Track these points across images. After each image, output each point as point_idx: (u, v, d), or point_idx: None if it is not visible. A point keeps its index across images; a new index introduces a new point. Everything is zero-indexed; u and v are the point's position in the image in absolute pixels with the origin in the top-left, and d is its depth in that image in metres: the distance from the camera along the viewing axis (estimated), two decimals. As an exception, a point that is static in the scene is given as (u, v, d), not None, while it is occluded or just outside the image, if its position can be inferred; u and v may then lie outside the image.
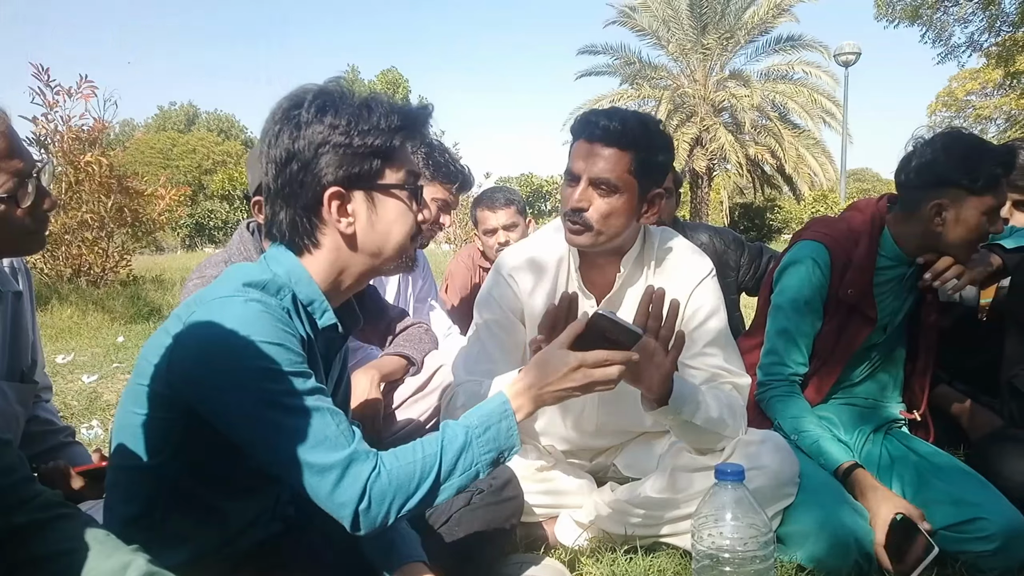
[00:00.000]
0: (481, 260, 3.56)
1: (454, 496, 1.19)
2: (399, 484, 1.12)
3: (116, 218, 8.70)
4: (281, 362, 1.08)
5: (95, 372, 4.39)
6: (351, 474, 1.09)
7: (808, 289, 2.01)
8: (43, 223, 1.41)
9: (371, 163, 1.19)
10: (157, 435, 1.16)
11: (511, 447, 1.20)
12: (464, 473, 1.16)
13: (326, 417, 1.10)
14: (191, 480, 1.18)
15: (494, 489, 1.54)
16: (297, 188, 1.18)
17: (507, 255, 1.94)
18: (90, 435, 3.13)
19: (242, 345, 1.07)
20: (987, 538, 1.64)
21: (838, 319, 2.03)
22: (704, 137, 24.41)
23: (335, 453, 1.09)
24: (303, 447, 1.07)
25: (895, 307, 2.07)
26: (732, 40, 24.36)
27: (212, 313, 1.10)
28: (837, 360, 2.05)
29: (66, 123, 8.11)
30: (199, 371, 1.09)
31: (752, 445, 1.73)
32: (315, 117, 1.17)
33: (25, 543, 0.88)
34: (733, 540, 1.20)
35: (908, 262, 2.01)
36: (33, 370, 1.73)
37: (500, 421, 1.19)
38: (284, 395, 1.08)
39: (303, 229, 1.21)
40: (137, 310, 7.40)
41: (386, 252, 1.25)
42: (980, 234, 1.89)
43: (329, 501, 1.09)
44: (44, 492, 0.94)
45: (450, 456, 1.15)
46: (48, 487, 0.98)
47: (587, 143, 1.70)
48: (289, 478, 1.10)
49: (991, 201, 1.85)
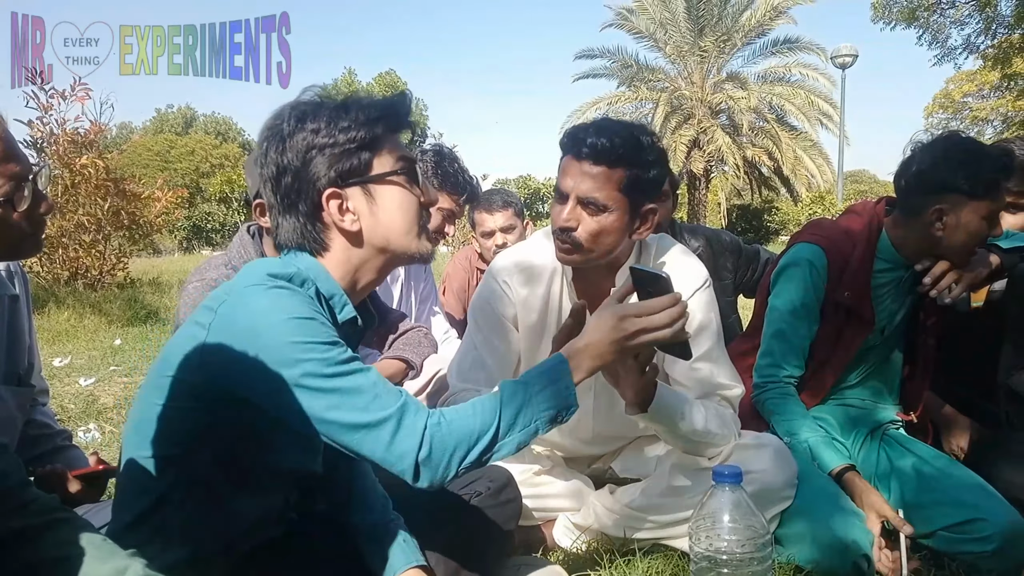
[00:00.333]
0: (478, 262, 3.56)
1: (513, 451, 1.18)
2: (459, 435, 1.12)
3: (113, 221, 8.71)
4: (317, 334, 1.10)
5: (92, 375, 4.39)
6: (407, 423, 1.10)
7: (804, 292, 2.01)
8: (40, 227, 1.41)
9: (359, 157, 1.20)
10: (180, 426, 1.16)
11: (569, 406, 1.20)
12: (524, 429, 1.16)
13: (371, 377, 1.12)
14: (208, 472, 1.18)
15: (493, 491, 1.54)
16: (295, 198, 1.20)
17: (501, 260, 1.91)
18: (87, 438, 3.12)
19: (279, 322, 1.09)
20: (985, 539, 1.64)
21: (835, 322, 2.03)
22: (701, 139, 24.45)
23: (387, 407, 1.10)
24: (355, 407, 1.09)
25: (892, 310, 2.07)
26: (729, 42, 24.42)
27: (244, 299, 1.12)
28: (835, 363, 2.06)
29: (61, 126, 8.11)
30: (239, 354, 1.10)
31: (749, 449, 1.73)
32: (296, 127, 1.19)
33: (22, 547, 0.88)
34: (731, 542, 1.20)
35: (906, 265, 2.01)
36: (30, 373, 1.72)
37: (559, 379, 1.19)
38: (327, 364, 1.09)
39: (310, 236, 1.22)
40: (134, 313, 7.41)
41: (395, 241, 1.25)
42: (980, 238, 1.89)
43: (388, 454, 1.10)
44: (41, 496, 0.94)
45: (510, 411, 1.15)
46: (45, 491, 0.98)
47: (575, 161, 1.64)
48: (345, 442, 1.10)
49: (991, 205, 1.85)
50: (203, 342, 1.13)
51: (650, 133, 1.71)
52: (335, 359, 1.10)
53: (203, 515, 1.19)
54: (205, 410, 1.15)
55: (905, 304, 2.09)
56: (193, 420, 1.16)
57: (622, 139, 1.62)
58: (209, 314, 1.15)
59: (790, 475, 1.71)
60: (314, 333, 1.10)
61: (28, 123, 7.92)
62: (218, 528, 1.21)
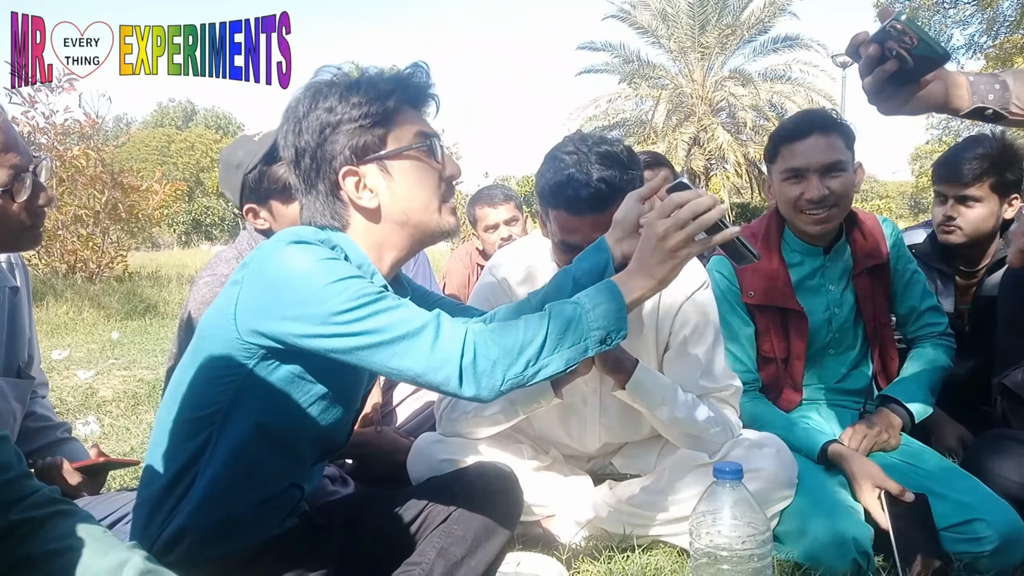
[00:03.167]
0: (479, 258, 3.56)
1: (561, 370, 1.15)
2: (504, 343, 1.12)
3: (111, 214, 8.68)
4: (345, 271, 1.12)
5: (91, 368, 4.38)
6: (446, 328, 1.11)
7: (720, 301, 2.01)
8: (39, 218, 1.41)
9: (373, 133, 1.20)
10: (215, 387, 1.19)
11: (619, 329, 1.18)
12: (573, 346, 1.14)
13: (402, 300, 1.15)
14: (239, 433, 1.20)
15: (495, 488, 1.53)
16: (315, 177, 1.22)
17: (499, 258, 1.92)
18: (86, 431, 3.12)
19: (309, 264, 1.11)
20: (984, 539, 1.64)
21: (770, 320, 2.07)
22: (702, 137, 24.44)
23: (424, 316, 1.12)
24: (391, 323, 1.10)
25: (831, 300, 2.09)
26: (731, 39, 24.38)
27: (272, 251, 1.15)
28: (795, 359, 2.08)
29: (47, 118, 8.04)
30: (273, 297, 1.13)
31: (751, 447, 1.73)
32: (310, 107, 1.20)
33: (22, 540, 0.88)
34: (731, 538, 1.20)
35: (824, 253, 2.07)
36: (30, 365, 1.72)
37: (610, 301, 1.17)
38: (358, 293, 1.10)
39: (332, 214, 1.24)
40: (133, 306, 7.40)
41: (414, 217, 1.25)
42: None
43: (431, 361, 1.10)
44: (41, 488, 0.94)
45: (558, 324, 1.14)
46: (46, 483, 0.98)
47: (575, 217, 1.56)
48: (385, 358, 1.11)
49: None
50: (238, 295, 1.15)
51: (628, 148, 1.61)
52: (364, 289, 1.11)
53: (232, 479, 1.21)
54: (241, 367, 1.17)
55: (847, 293, 2.10)
56: (229, 380, 1.18)
57: (612, 174, 1.52)
58: (241, 271, 1.18)
59: (791, 474, 1.72)
60: (343, 269, 1.12)
61: (12, 119, 7.87)
62: (246, 494, 1.22)
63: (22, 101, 7.81)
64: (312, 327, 1.10)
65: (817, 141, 1.95)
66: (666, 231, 1.18)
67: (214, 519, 1.21)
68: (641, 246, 1.22)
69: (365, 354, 1.11)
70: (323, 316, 1.09)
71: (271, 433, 1.22)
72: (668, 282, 1.21)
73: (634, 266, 1.22)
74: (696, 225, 1.18)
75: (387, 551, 1.38)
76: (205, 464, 1.20)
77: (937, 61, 1.17)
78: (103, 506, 1.58)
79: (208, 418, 1.20)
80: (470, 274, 3.56)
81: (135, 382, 4.04)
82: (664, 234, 1.18)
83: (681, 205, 1.19)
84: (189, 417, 1.21)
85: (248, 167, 1.80)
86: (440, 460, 1.79)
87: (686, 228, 1.18)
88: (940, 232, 2.31)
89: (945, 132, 28.30)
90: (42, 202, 1.39)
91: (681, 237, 1.18)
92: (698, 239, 1.19)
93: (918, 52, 1.14)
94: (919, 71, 1.17)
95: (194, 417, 1.21)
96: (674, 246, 1.18)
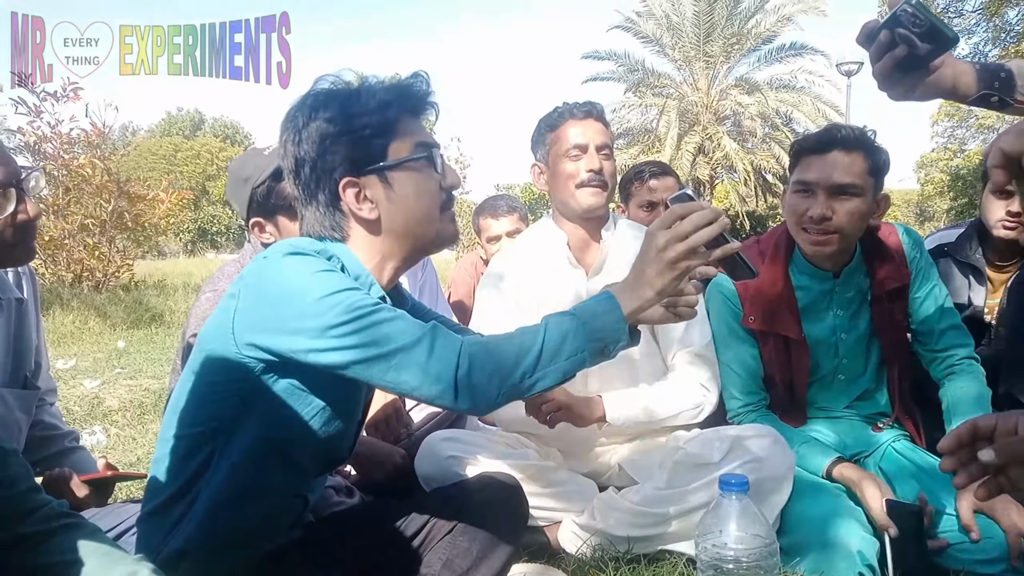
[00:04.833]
0: (484, 267, 3.56)
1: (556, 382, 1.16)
2: (500, 355, 1.12)
3: (116, 223, 8.71)
4: (340, 283, 1.12)
5: (97, 377, 4.40)
6: (441, 341, 1.11)
7: (720, 319, 1.98)
8: (26, 234, 1.36)
9: (373, 144, 1.20)
10: (217, 401, 1.19)
11: (618, 340, 1.18)
12: (570, 358, 1.15)
13: (397, 312, 1.14)
14: (242, 446, 1.19)
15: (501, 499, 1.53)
16: (315, 188, 1.21)
17: (497, 257, 2.08)
18: (92, 441, 3.12)
19: (305, 276, 1.11)
20: (994, 560, 1.62)
21: (772, 345, 1.98)
22: (707, 146, 24.44)
23: (419, 329, 1.12)
24: (387, 336, 1.10)
25: (839, 324, 1.99)
26: (736, 48, 24.42)
27: (269, 264, 1.15)
28: (797, 383, 2.01)
29: (53, 128, 8.05)
30: (270, 309, 1.12)
31: (750, 438, 1.76)
32: (311, 117, 1.19)
33: (30, 553, 0.88)
34: (737, 551, 1.20)
35: (833, 276, 1.96)
36: (37, 375, 1.72)
37: (607, 312, 1.18)
38: (353, 305, 1.10)
39: (331, 225, 1.23)
40: (139, 315, 7.41)
41: (415, 229, 1.25)
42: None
43: (425, 375, 1.09)
44: (49, 502, 0.94)
45: (554, 337, 1.14)
46: (53, 495, 0.98)
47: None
48: (381, 371, 1.10)
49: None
50: (236, 308, 1.15)
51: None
52: (359, 302, 1.11)
53: (236, 491, 1.20)
54: (240, 381, 1.16)
55: (860, 316, 1.99)
56: (229, 394, 1.17)
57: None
58: (238, 283, 1.17)
59: (789, 462, 1.74)
60: (338, 281, 1.11)
61: (18, 130, 7.87)
62: (249, 506, 1.22)
63: (28, 111, 7.81)
64: (307, 341, 1.10)
65: (836, 158, 1.82)
66: (666, 242, 1.17)
67: (218, 531, 1.20)
68: (641, 257, 1.21)
69: (361, 368, 1.10)
70: (318, 330, 1.09)
71: (273, 446, 1.21)
72: (667, 294, 1.20)
73: (633, 277, 1.21)
74: (697, 238, 1.17)
75: (391, 562, 1.38)
76: (208, 477, 1.20)
77: (946, 45, 1.18)
78: (110, 517, 1.58)
79: (210, 432, 1.20)
80: (475, 283, 3.56)
81: (141, 391, 4.05)
82: (664, 245, 1.17)
83: (683, 217, 1.18)
84: (191, 432, 1.21)
85: (257, 181, 1.81)
86: (447, 457, 1.81)
87: (687, 240, 1.17)
88: (1001, 228, 2.23)
89: (950, 140, 28.27)
90: (30, 216, 1.34)
91: (681, 249, 1.17)
92: (700, 252, 1.19)
93: (928, 36, 1.15)
94: (928, 56, 1.18)
95: (196, 432, 1.20)
96: (674, 258, 1.17)
